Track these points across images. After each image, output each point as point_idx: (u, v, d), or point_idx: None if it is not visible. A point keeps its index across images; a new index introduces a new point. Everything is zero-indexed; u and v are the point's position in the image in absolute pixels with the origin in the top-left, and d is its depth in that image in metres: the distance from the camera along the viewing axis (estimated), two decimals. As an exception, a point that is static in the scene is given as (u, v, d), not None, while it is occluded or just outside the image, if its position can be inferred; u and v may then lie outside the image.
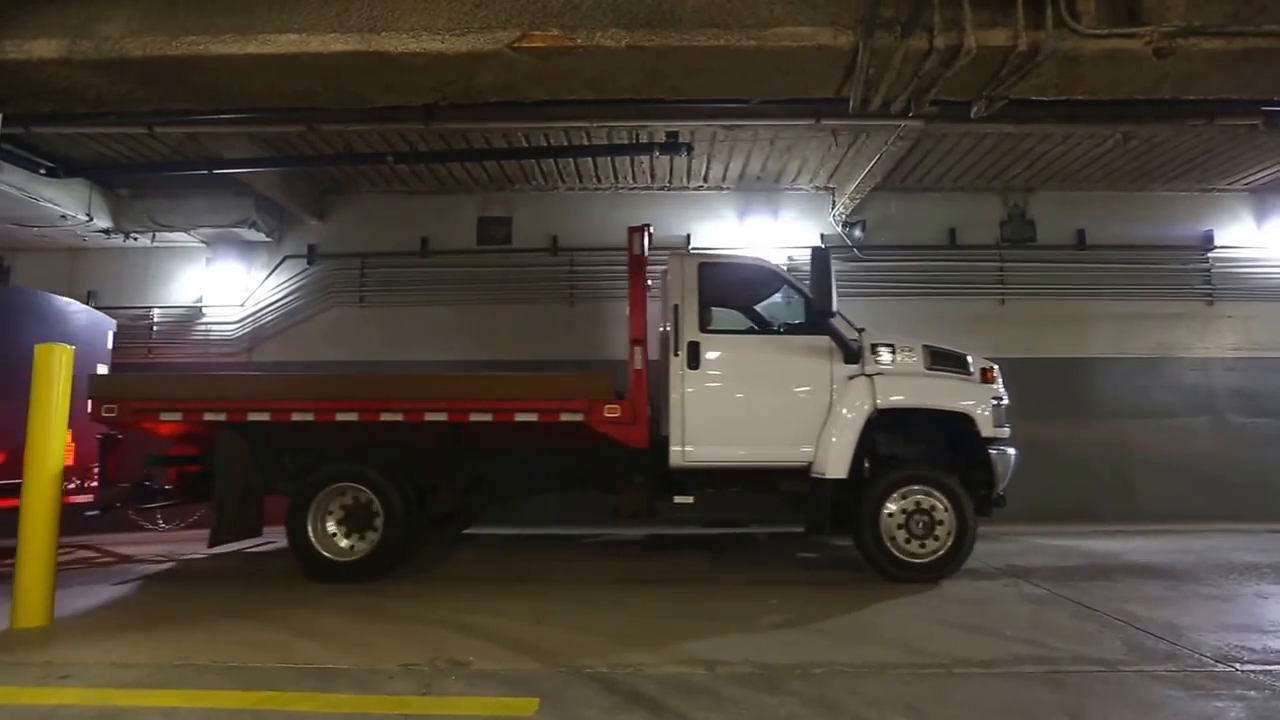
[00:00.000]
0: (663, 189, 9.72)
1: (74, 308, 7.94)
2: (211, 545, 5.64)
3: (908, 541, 5.39)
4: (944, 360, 5.80)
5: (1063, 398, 9.12)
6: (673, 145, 7.55)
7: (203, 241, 9.76)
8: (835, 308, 5.56)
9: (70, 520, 7.43)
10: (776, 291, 6.40)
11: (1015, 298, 9.42)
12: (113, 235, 9.27)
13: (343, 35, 4.94)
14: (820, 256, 5.65)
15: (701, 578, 5.89)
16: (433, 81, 5.30)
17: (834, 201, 9.43)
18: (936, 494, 5.42)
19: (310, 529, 5.51)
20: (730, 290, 6.23)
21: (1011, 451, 5.62)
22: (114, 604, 5.00)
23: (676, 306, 5.76)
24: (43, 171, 7.88)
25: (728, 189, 9.69)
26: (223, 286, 9.84)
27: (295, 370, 8.38)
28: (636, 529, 7.85)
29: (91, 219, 8.79)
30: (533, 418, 5.47)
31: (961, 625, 4.32)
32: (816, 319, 5.66)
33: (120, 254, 9.83)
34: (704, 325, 5.78)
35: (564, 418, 5.46)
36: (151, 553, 7.05)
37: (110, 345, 8.22)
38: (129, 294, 9.87)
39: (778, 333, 6.10)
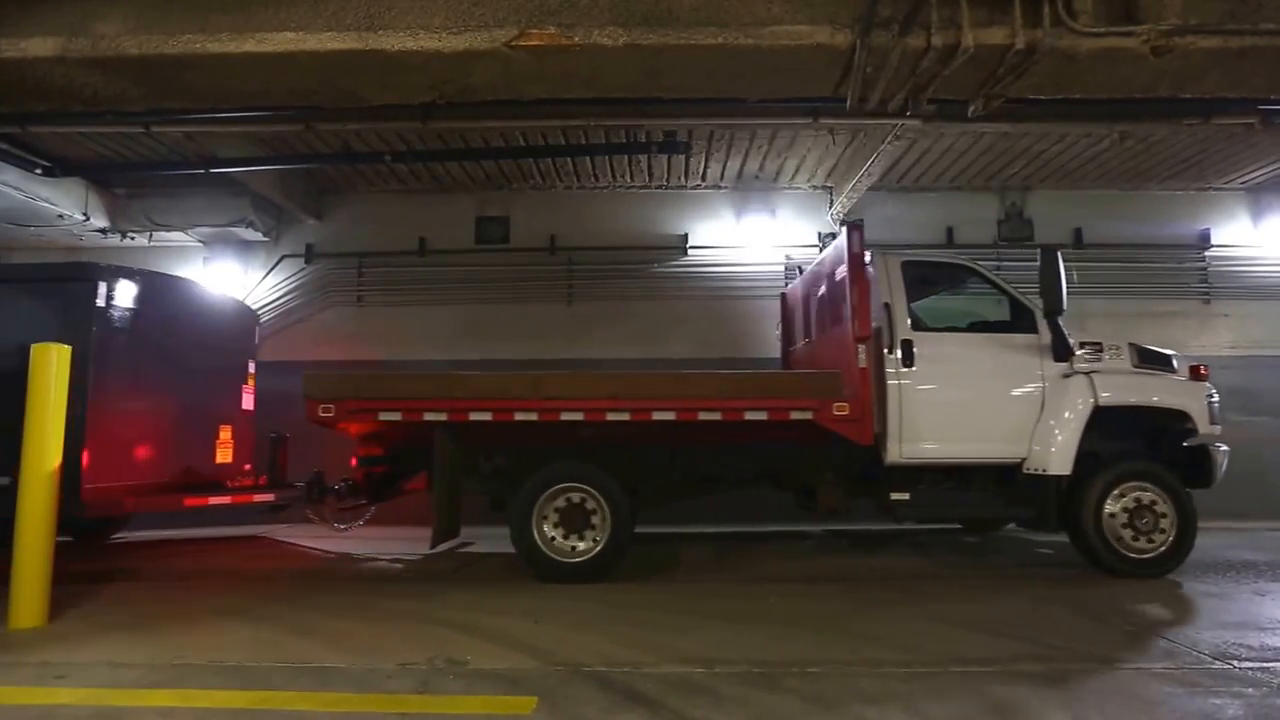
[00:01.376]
0: (660, 188, 9.71)
1: (224, 298, 7.98)
2: (434, 546, 5.64)
3: (1135, 539, 5.50)
4: (1150, 358, 5.89)
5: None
6: (670, 144, 7.54)
7: (200, 241, 9.75)
8: (1065, 306, 5.60)
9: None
10: (961, 287, 6.61)
11: (1013, 296, 9.42)
12: (110, 235, 9.25)
13: (339, 34, 4.93)
14: (1050, 256, 5.67)
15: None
16: (429, 80, 5.30)
17: (832, 200, 9.44)
18: (1155, 489, 5.52)
19: (536, 531, 5.52)
20: (928, 288, 6.36)
21: (1225, 448, 5.75)
22: (111, 604, 4.98)
23: (887, 305, 5.82)
24: (39, 171, 7.85)
25: (725, 188, 9.69)
26: (220, 286, 9.81)
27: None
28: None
29: (88, 218, 8.78)
30: (763, 416, 5.48)
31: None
32: (1047, 317, 5.71)
33: (117, 253, 9.78)
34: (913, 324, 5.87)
35: (794, 416, 5.48)
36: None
37: (257, 339, 8.33)
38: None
39: (987, 330, 6.14)
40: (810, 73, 5.26)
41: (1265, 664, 3.53)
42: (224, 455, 7.69)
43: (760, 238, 9.55)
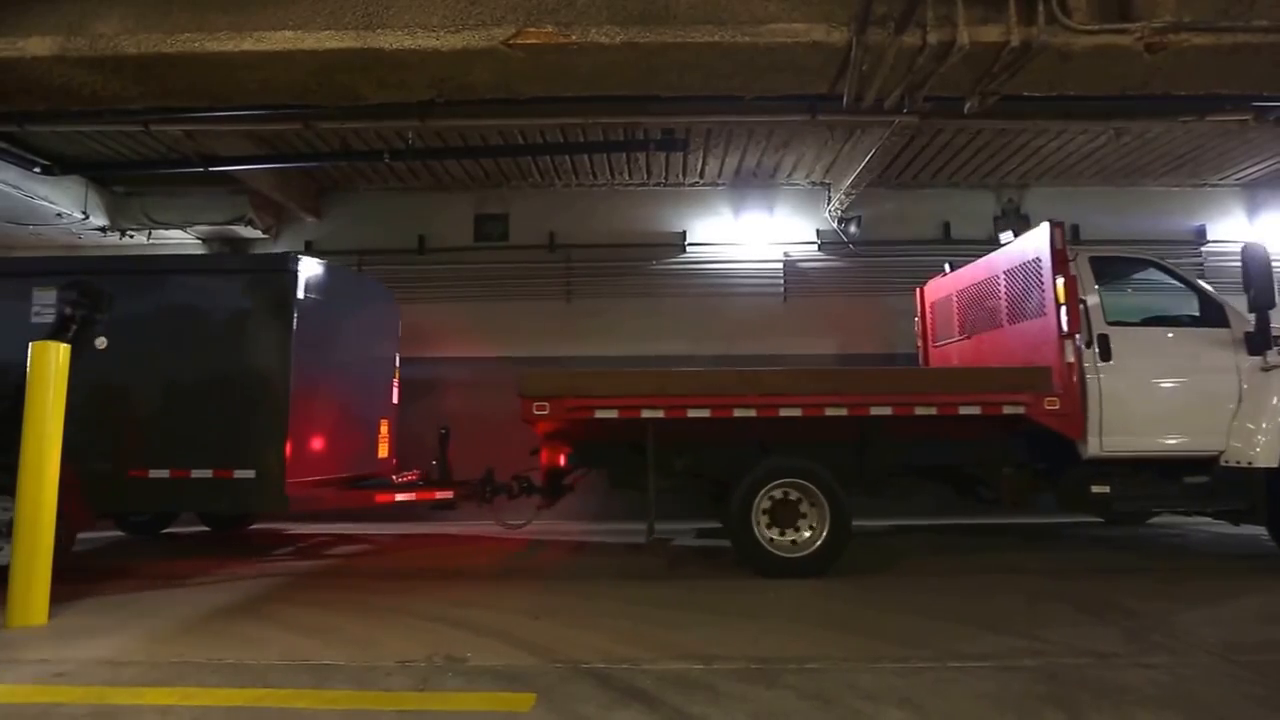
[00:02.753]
0: (659, 185, 9.73)
1: (375, 286, 7.92)
2: (649, 539, 5.70)
3: None
4: None
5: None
6: (668, 141, 7.56)
7: (199, 239, 9.74)
8: (1277, 302, 5.71)
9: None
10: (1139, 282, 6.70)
11: (1010, 293, 9.45)
12: (109, 233, 9.25)
13: (338, 32, 4.95)
14: (1257, 253, 5.77)
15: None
16: (428, 78, 5.32)
17: (829, 197, 9.45)
18: None
19: (756, 527, 5.56)
20: (1112, 282, 6.41)
21: None
22: (110, 602, 5.00)
23: (1082, 300, 5.90)
24: (38, 169, 7.87)
25: (723, 185, 9.70)
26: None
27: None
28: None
29: (87, 217, 8.79)
30: (976, 410, 5.59)
31: None
32: (1254, 312, 5.79)
33: (117, 252, 9.80)
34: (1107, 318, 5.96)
35: (1006, 410, 5.59)
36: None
37: (399, 329, 8.28)
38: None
39: (1176, 324, 6.21)
40: (807, 70, 5.28)
41: None
42: (383, 450, 7.72)
43: (758, 234, 9.57)
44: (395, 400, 8.00)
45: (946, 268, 7.94)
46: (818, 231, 9.61)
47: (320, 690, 3.31)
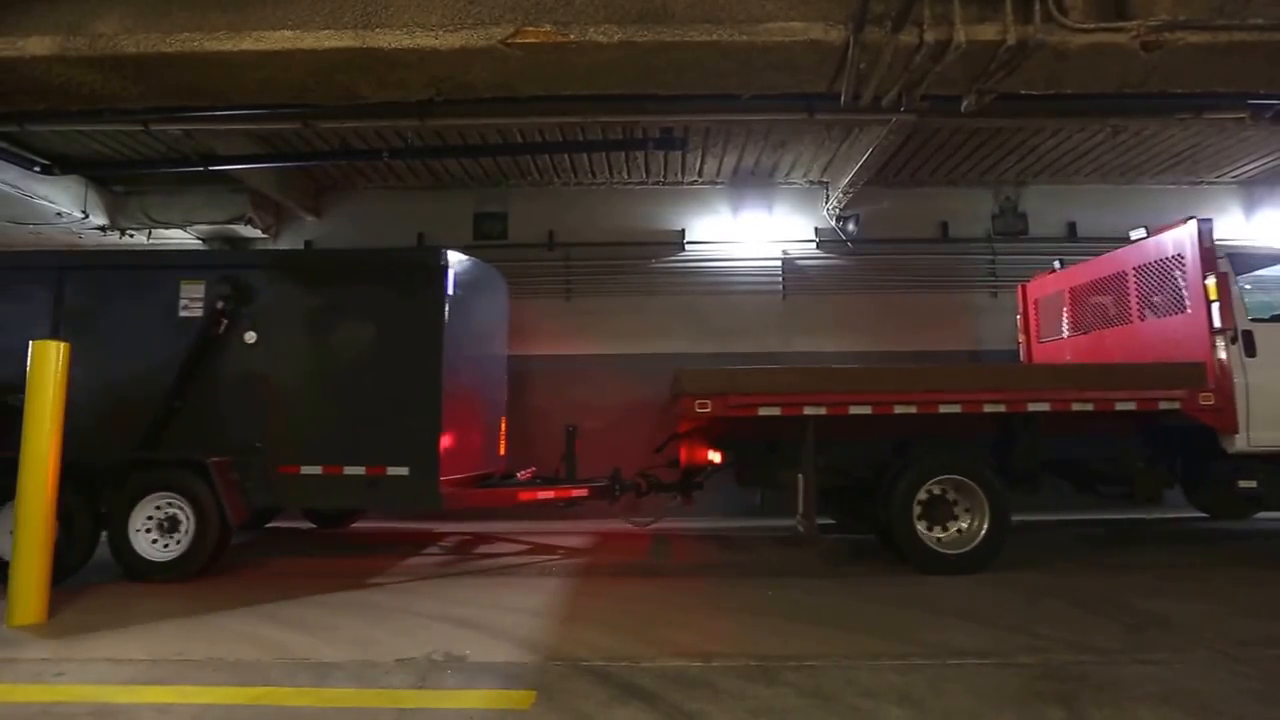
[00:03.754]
0: (657, 184, 9.74)
1: (494, 272, 7.73)
2: (808, 538, 5.76)
3: None
4: None
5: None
6: (666, 140, 7.57)
7: (199, 238, 9.74)
8: None
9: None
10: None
11: (1007, 290, 9.46)
12: (109, 232, 9.26)
13: (336, 32, 4.96)
14: None
15: None
16: (426, 77, 5.33)
17: (828, 195, 9.46)
18: None
19: (916, 523, 5.60)
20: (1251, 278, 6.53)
21: None
22: (110, 600, 5.02)
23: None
24: (38, 169, 7.88)
25: (722, 183, 9.72)
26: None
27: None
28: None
29: (87, 216, 8.79)
30: (1131, 406, 5.70)
31: None
32: None
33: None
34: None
35: (1162, 405, 5.71)
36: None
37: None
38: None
39: None
40: (805, 69, 5.29)
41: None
42: (502, 446, 7.67)
43: (757, 233, 9.59)
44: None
45: (1056, 264, 8.04)
46: (816, 230, 9.62)
47: (319, 688, 3.33)
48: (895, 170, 9.16)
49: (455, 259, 6.41)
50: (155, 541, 5.63)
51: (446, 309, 6.13)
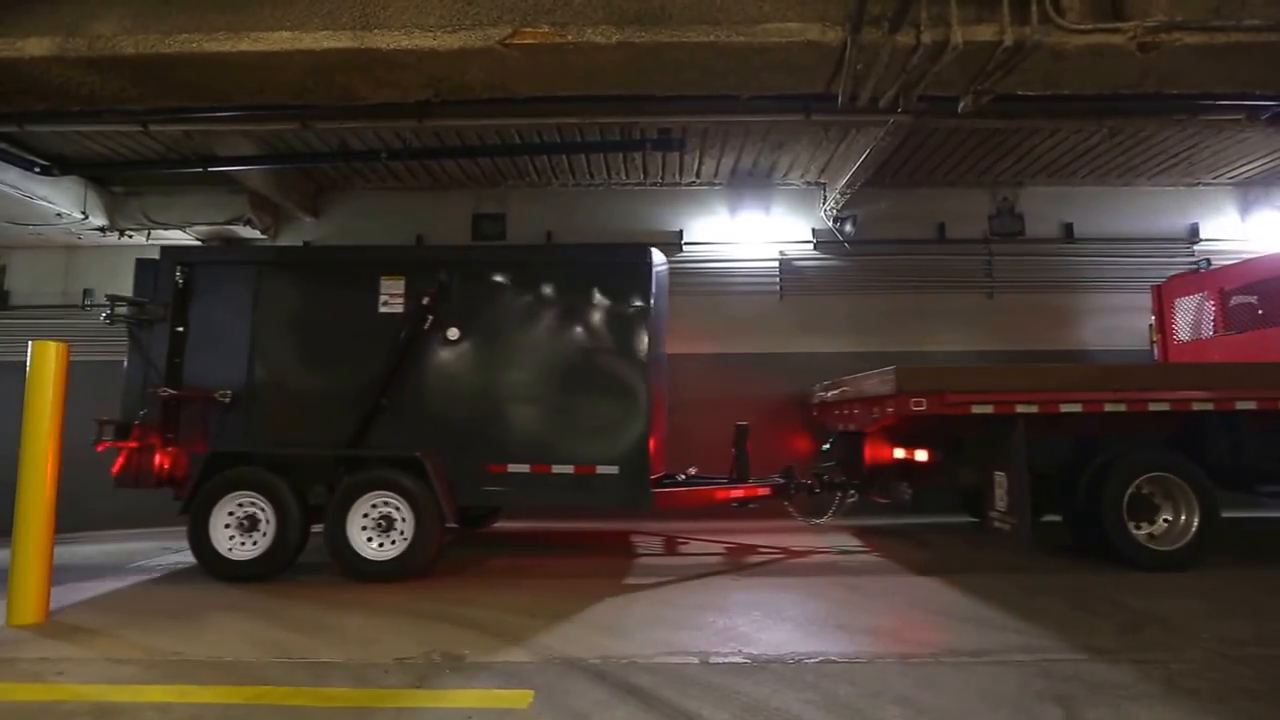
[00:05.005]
0: (655, 185, 9.75)
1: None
2: (1014, 537, 5.72)
3: None
4: None
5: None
6: (664, 140, 7.58)
7: (198, 239, 9.74)
8: None
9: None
10: None
11: (1004, 291, 9.49)
12: (108, 233, 9.25)
13: (335, 33, 4.97)
14: None
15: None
16: (425, 78, 5.33)
17: (825, 196, 9.48)
18: None
19: (1127, 519, 5.68)
20: None
21: None
22: (109, 600, 5.03)
23: None
24: (37, 170, 7.88)
25: (719, 184, 9.73)
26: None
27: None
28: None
29: (86, 217, 8.79)
30: None
31: None
32: None
33: (116, 251, 9.81)
34: None
35: None
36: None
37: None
38: (124, 292, 9.84)
39: None
40: (802, 70, 5.30)
41: None
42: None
43: (755, 234, 9.60)
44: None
45: (1202, 265, 8.12)
46: (813, 231, 9.64)
47: (318, 688, 3.34)
48: (892, 171, 9.17)
49: (658, 258, 6.44)
50: (370, 540, 5.60)
51: (651, 307, 6.15)
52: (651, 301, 6.17)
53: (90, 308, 9.78)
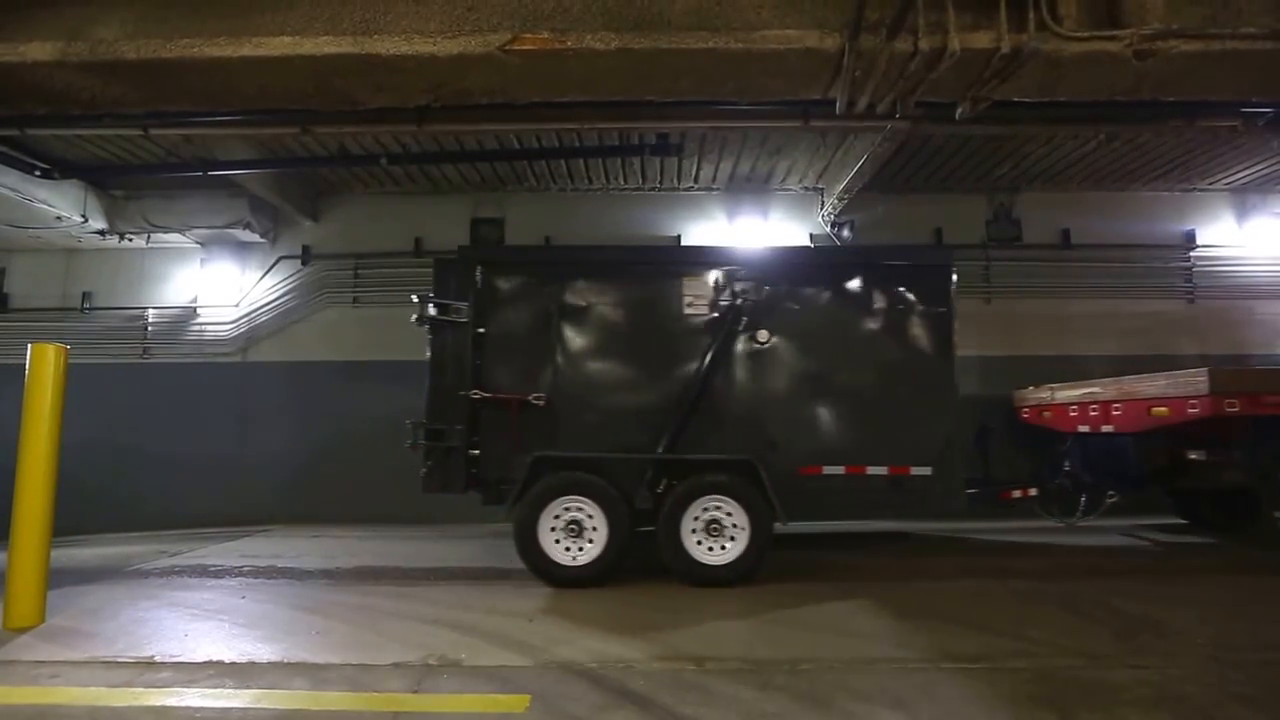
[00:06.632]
0: (653, 190, 9.78)
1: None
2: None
3: None
4: None
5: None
6: (663, 146, 7.61)
7: (197, 243, 9.79)
8: None
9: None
10: None
11: (1001, 296, 9.51)
12: (108, 236, 9.28)
13: (335, 38, 4.98)
14: None
15: None
16: (424, 83, 5.35)
17: (823, 202, 9.50)
18: None
19: None
20: None
21: None
22: (106, 604, 5.01)
23: None
24: (38, 173, 7.89)
25: (718, 189, 9.76)
26: (217, 287, 9.86)
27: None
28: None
29: (86, 220, 8.81)
30: None
31: None
32: None
33: (115, 255, 9.85)
34: None
35: None
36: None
37: None
38: (124, 295, 9.89)
39: None
40: (800, 76, 5.31)
41: None
42: None
43: (753, 239, 9.60)
44: None
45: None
46: (811, 236, 9.67)
47: (316, 692, 3.34)
48: (889, 177, 9.18)
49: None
50: (700, 544, 5.47)
51: (954, 309, 6.11)
52: (954, 303, 6.12)
53: (89, 310, 9.80)
